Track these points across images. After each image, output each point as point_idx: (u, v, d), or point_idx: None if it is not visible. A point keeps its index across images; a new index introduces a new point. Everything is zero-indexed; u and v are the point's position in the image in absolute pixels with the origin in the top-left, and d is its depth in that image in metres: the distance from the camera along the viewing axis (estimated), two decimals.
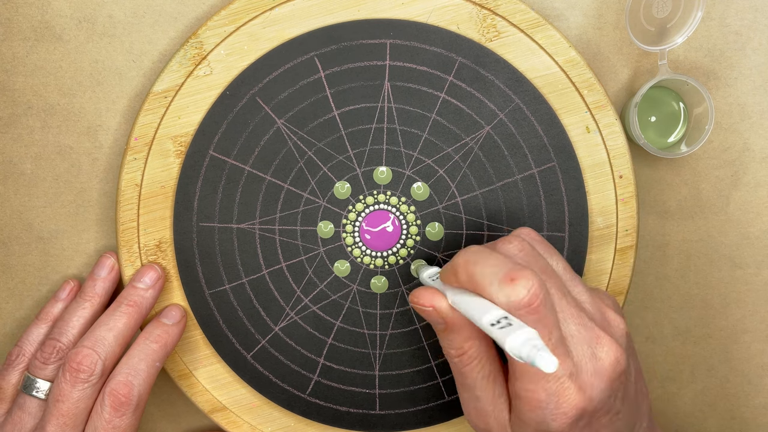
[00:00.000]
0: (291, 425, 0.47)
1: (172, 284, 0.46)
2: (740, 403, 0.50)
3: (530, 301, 0.34)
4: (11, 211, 0.47)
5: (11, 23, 0.46)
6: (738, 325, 0.49)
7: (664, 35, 0.45)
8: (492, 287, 0.35)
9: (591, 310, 0.38)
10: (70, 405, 0.40)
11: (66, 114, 0.47)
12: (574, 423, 0.36)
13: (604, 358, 0.36)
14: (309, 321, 0.46)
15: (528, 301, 0.34)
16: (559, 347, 0.35)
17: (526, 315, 0.34)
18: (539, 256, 0.38)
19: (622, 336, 0.38)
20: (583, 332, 0.36)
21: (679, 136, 0.47)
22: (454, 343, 0.38)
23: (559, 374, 0.35)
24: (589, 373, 0.35)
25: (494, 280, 0.35)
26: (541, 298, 0.34)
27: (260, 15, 0.44)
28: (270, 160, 0.45)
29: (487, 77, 0.45)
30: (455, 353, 0.38)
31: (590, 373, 0.35)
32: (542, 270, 0.37)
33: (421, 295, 0.38)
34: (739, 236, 0.49)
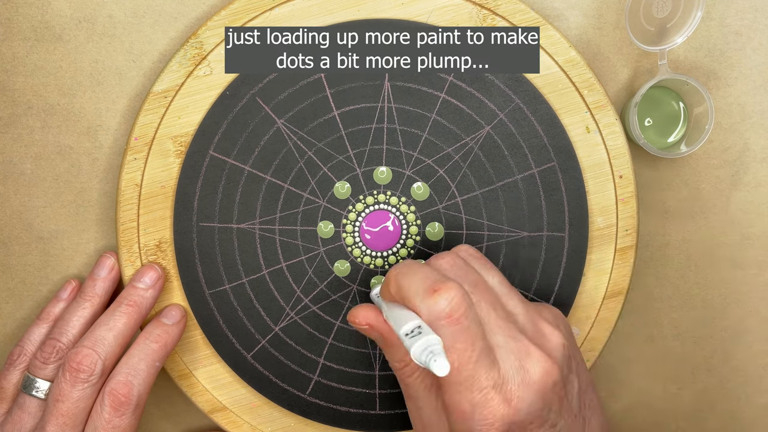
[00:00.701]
0: (291, 425, 0.47)
1: (172, 284, 0.46)
2: (740, 403, 0.50)
3: (451, 312, 0.35)
4: (11, 211, 0.47)
5: (11, 23, 0.46)
6: (738, 326, 0.49)
7: (664, 35, 0.45)
8: (416, 299, 0.36)
9: (524, 322, 0.38)
10: (70, 405, 0.40)
11: (66, 114, 0.47)
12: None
13: (532, 369, 0.36)
14: (309, 321, 0.46)
15: (449, 312, 0.35)
16: (482, 358, 0.35)
17: (448, 325, 0.35)
18: (471, 271, 0.38)
19: (557, 349, 0.37)
20: (512, 344, 0.36)
21: (679, 136, 0.47)
22: (396, 356, 0.39)
23: (483, 385, 0.35)
24: (516, 384, 0.35)
25: (419, 291, 0.36)
26: (462, 309, 0.35)
27: (260, 15, 0.44)
28: (270, 160, 0.45)
29: (487, 77, 0.45)
30: (398, 365, 0.39)
31: (517, 384, 0.35)
32: (473, 283, 0.37)
33: (356, 314, 0.39)
34: (740, 236, 0.49)
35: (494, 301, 0.37)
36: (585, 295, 0.46)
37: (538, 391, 0.36)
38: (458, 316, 0.35)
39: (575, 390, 0.38)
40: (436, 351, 0.33)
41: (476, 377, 0.35)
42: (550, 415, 0.36)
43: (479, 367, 0.35)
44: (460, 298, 0.35)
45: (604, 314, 0.46)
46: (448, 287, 0.35)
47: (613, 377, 0.49)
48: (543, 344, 0.37)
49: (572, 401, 0.38)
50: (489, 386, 0.35)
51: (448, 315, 0.35)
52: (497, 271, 0.40)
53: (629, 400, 0.50)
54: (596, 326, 0.46)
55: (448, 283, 0.36)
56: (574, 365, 0.39)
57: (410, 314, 0.36)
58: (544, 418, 0.36)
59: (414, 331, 0.34)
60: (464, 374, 0.35)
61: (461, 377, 0.35)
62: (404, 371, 0.39)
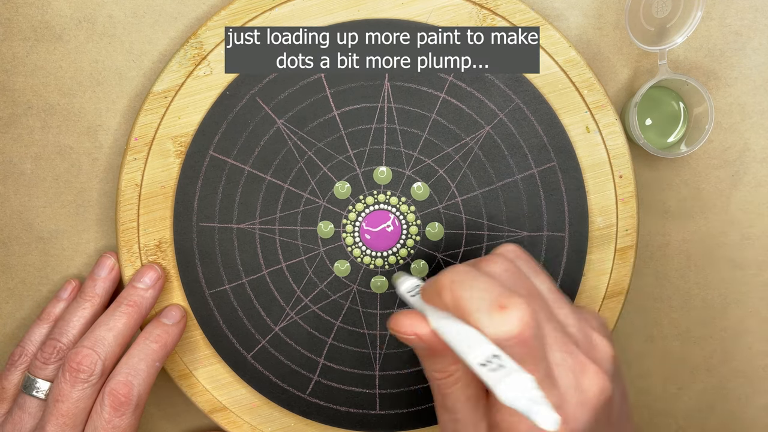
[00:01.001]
0: (291, 425, 0.47)
1: (172, 284, 0.46)
2: (740, 403, 0.50)
3: (521, 332, 0.32)
4: (11, 211, 0.47)
5: (11, 23, 0.46)
6: (738, 326, 0.49)
7: (664, 35, 0.45)
8: (479, 314, 0.32)
9: (577, 334, 0.35)
10: (70, 405, 0.40)
11: (66, 114, 0.47)
12: None
13: (588, 388, 0.34)
14: (309, 321, 0.46)
15: (519, 333, 0.32)
16: (546, 379, 0.33)
17: (515, 347, 0.32)
18: (525, 277, 0.36)
19: (608, 361, 0.35)
20: (569, 360, 0.34)
21: (679, 136, 0.47)
22: (438, 366, 0.36)
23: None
24: (573, 405, 0.33)
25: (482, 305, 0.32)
26: (533, 330, 0.32)
27: (260, 15, 0.44)
28: (270, 160, 0.45)
29: (487, 77, 0.45)
30: (438, 375, 0.36)
31: (575, 405, 0.33)
32: (528, 293, 0.35)
33: (401, 323, 0.35)
34: (740, 236, 0.49)
35: (549, 312, 0.35)
36: (585, 295, 0.46)
37: (593, 410, 0.34)
38: (527, 336, 0.32)
39: (617, 402, 0.36)
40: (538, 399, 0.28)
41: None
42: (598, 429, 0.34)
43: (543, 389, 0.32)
44: (530, 317, 0.32)
45: (604, 314, 0.46)
46: (517, 304, 0.32)
47: None
48: (596, 357, 0.35)
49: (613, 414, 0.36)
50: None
51: (518, 335, 0.31)
52: (546, 275, 0.37)
53: (629, 400, 0.50)
54: None
55: (516, 299, 0.32)
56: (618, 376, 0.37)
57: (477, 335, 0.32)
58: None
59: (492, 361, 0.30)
60: None
61: None
62: (445, 382, 0.36)
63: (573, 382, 0.34)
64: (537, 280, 0.36)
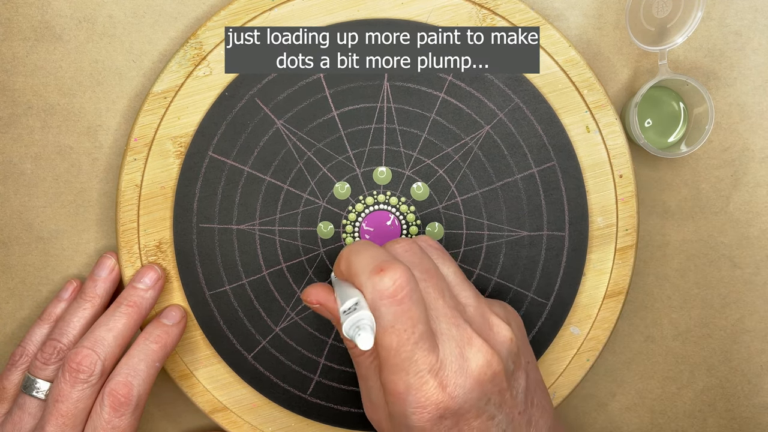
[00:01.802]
0: (291, 425, 0.47)
1: (172, 285, 0.46)
2: (740, 402, 0.50)
3: (394, 291, 0.35)
4: (11, 211, 0.47)
5: (11, 23, 0.46)
6: (738, 325, 0.49)
7: (664, 35, 0.45)
8: (363, 276, 0.36)
9: (473, 314, 0.38)
10: (70, 405, 0.40)
11: (66, 114, 0.47)
12: (436, 420, 0.35)
13: (472, 358, 0.36)
14: (309, 321, 0.46)
15: (392, 292, 0.35)
16: (422, 341, 0.35)
17: (390, 305, 0.35)
18: (426, 259, 0.38)
19: (502, 342, 0.38)
20: (454, 331, 0.36)
21: (679, 136, 0.47)
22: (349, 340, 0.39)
23: (419, 368, 0.35)
24: (453, 371, 0.35)
25: (366, 269, 0.36)
26: (406, 290, 0.35)
27: (260, 15, 0.44)
28: (269, 160, 0.45)
29: (486, 77, 0.45)
30: (350, 344, 0.39)
31: (454, 371, 0.35)
32: (425, 270, 0.38)
33: (308, 293, 0.39)
34: (739, 236, 0.49)
35: (444, 288, 0.37)
36: (585, 295, 0.46)
37: (476, 381, 0.36)
38: (401, 296, 0.35)
39: (521, 387, 0.38)
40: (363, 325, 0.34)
41: (413, 359, 0.35)
42: (488, 407, 0.36)
43: (418, 350, 0.35)
44: (405, 279, 0.35)
45: (604, 314, 0.46)
46: (395, 267, 0.35)
47: (613, 377, 0.50)
48: (489, 336, 0.37)
49: (517, 397, 0.38)
50: (425, 370, 0.35)
51: (392, 294, 0.35)
52: (453, 263, 0.40)
53: (629, 400, 0.50)
54: (596, 326, 0.46)
55: (395, 264, 0.36)
56: (523, 362, 0.39)
57: (354, 291, 0.36)
58: (481, 410, 0.36)
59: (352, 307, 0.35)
60: (402, 355, 0.35)
61: (399, 358, 0.35)
62: (355, 350, 0.39)
63: (456, 351, 0.36)
64: (443, 265, 0.40)
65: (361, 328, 0.34)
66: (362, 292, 0.36)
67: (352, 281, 0.37)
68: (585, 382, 0.49)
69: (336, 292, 0.39)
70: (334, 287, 0.39)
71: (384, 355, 0.36)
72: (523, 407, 0.38)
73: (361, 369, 0.39)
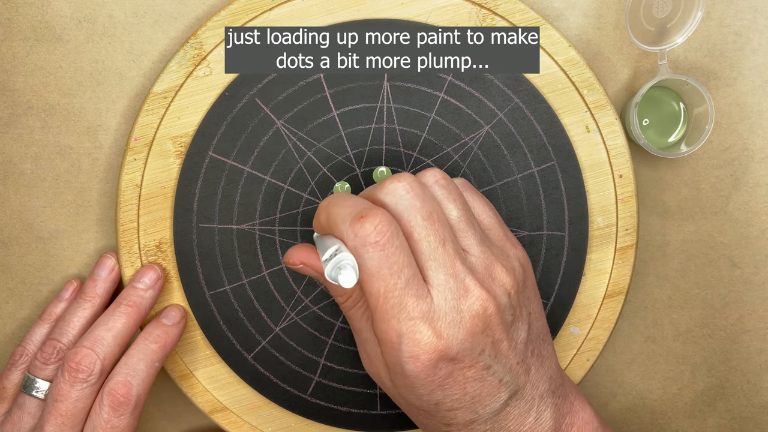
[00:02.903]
0: (292, 425, 0.47)
1: (172, 285, 0.46)
2: (740, 402, 0.50)
3: (375, 237, 0.34)
4: (11, 211, 0.47)
5: (11, 23, 0.46)
6: (737, 325, 0.49)
7: (664, 35, 0.45)
8: (343, 225, 0.35)
9: (475, 263, 0.37)
10: (69, 405, 0.40)
11: (66, 114, 0.47)
12: (431, 368, 0.35)
13: (465, 310, 0.35)
14: (309, 321, 0.46)
15: (373, 238, 0.34)
16: (411, 287, 0.35)
17: (373, 251, 0.34)
18: (429, 200, 0.37)
19: (502, 293, 0.37)
20: (451, 282, 0.35)
21: (679, 136, 0.47)
22: (336, 290, 0.39)
23: (411, 315, 0.35)
24: (446, 322, 0.35)
25: (346, 218, 0.35)
26: (387, 235, 0.34)
27: (260, 15, 0.45)
28: (269, 160, 0.45)
29: (486, 76, 0.45)
30: (340, 300, 0.39)
31: (448, 323, 0.35)
32: (426, 215, 0.36)
33: (290, 254, 0.39)
34: (739, 236, 0.49)
35: (445, 236, 0.36)
36: (585, 295, 0.46)
37: (469, 332, 0.35)
38: (383, 241, 0.34)
39: (520, 338, 0.38)
40: (343, 264, 0.34)
41: (403, 306, 0.35)
42: (482, 357, 0.36)
43: (406, 296, 0.35)
44: (385, 224, 0.34)
45: (604, 314, 0.46)
46: (375, 213, 0.35)
47: (613, 377, 0.49)
48: (488, 287, 0.36)
49: (516, 347, 0.37)
50: (417, 317, 0.35)
51: (373, 241, 0.34)
52: (460, 203, 0.38)
53: (629, 400, 0.50)
54: (596, 326, 0.46)
55: (375, 210, 0.35)
56: (524, 313, 0.38)
57: (335, 241, 0.36)
58: (475, 359, 0.36)
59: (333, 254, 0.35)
60: (391, 302, 0.35)
61: (387, 305, 0.35)
62: (346, 304, 0.39)
63: (452, 303, 0.35)
64: (448, 206, 0.38)
65: (341, 267, 0.34)
66: (344, 241, 0.35)
67: (332, 232, 0.37)
68: (585, 383, 0.49)
69: (318, 247, 0.38)
70: (316, 243, 0.39)
71: (373, 304, 0.35)
72: (522, 357, 0.38)
73: (354, 321, 0.39)
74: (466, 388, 0.36)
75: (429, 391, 0.36)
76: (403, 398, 0.38)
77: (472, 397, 0.37)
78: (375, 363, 0.39)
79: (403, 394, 0.37)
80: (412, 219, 0.36)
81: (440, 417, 0.38)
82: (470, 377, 0.36)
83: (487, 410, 0.37)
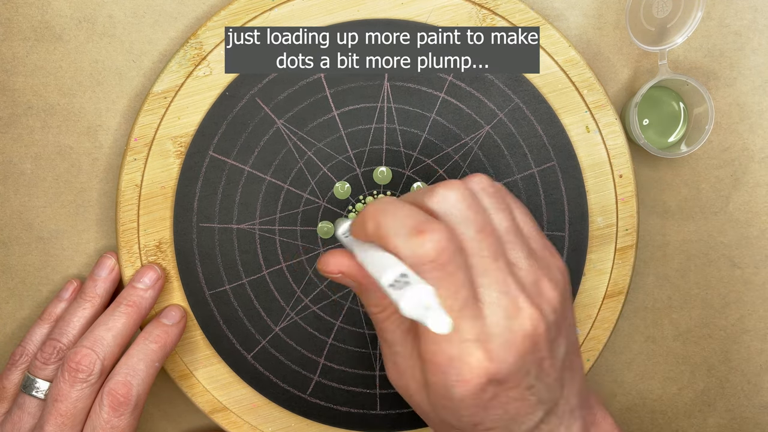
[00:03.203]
0: (291, 425, 0.47)
1: (172, 285, 0.46)
2: (740, 402, 0.50)
3: (436, 256, 0.32)
4: (11, 211, 0.47)
5: (11, 23, 0.46)
6: (737, 325, 0.49)
7: (664, 35, 0.45)
8: (398, 239, 0.33)
9: (525, 278, 0.35)
10: (69, 405, 0.40)
11: (66, 114, 0.47)
12: (479, 392, 0.33)
13: (517, 330, 0.33)
14: (309, 321, 0.46)
15: (434, 256, 0.32)
16: (466, 309, 0.33)
17: (431, 271, 0.32)
18: (481, 212, 0.35)
19: (550, 310, 0.35)
20: (504, 300, 0.34)
21: (679, 136, 0.47)
22: (371, 300, 0.36)
23: (464, 337, 0.33)
24: (499, 343, 0.33)
25: (401, 231, 0.33)
26: (448, 253, 0.32)
27: (260, 15, 0.44)
28: (270, 160, 0.45)
29: (486, 77, 0.45)
30: (374, 310, 0.37)
31: (500, 344, 0.33)
32: (479, 227, 0.34)
33: (327, 262, 0.36)
34: (739, 236, 0.49)
35: (497, 251, 0.34)
36: (585, 295, 0.46)
37: (520, 353, 0.33)
38: (443, 260, 0.32)
39: (561, 354, 0.36)
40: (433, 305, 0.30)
41: (457, 328, 0.33)
42: (527, 377, 0.34)
43: (462, 318, 0.33)
44: (446, 241, 0.32)
45: (604, 314, 0.46)
46: (435, 229, 0.32)
47: (613, 377, 0.49)
48: (539, 304, 0.35)
49: (556, 364, 0.36)
50: (470, 340, 0.33)
51: (433, 259, 0.32)
52: (508, 213, 0.36)
53: (629, 400, 0.50)
54: (596, 326, 0.46)
55: (435, 224, 0.33)
56: (564, 328, 0.36)
57: (391, 258, 0.33)
58: (521, 380, 0.34)
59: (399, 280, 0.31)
60: None
61: None
62: (380, 316, 0.36)
63: (503, 322, 0.33)
64: (498, 216, 0.36)
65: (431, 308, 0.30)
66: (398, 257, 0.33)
67: (382, 244, 0.33)
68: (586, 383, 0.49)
69: (360, 256, 0.35)
70: (355, 251, 0.35)
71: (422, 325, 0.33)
72: (559, 373, 0.36)
73: (386, 333, 0.37)
74: (507, 408, 0.35)
75: (472, 413, 0.35)
76: (438, 417, 0.36)
77: (510, 417, 0.35)
78: (405, 377, 0.37)
79: (441, 414, 0.36)
80: (465, 231, 0.34)
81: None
82: (512, 397, 0.34)
83: (522, 428, 0.36)
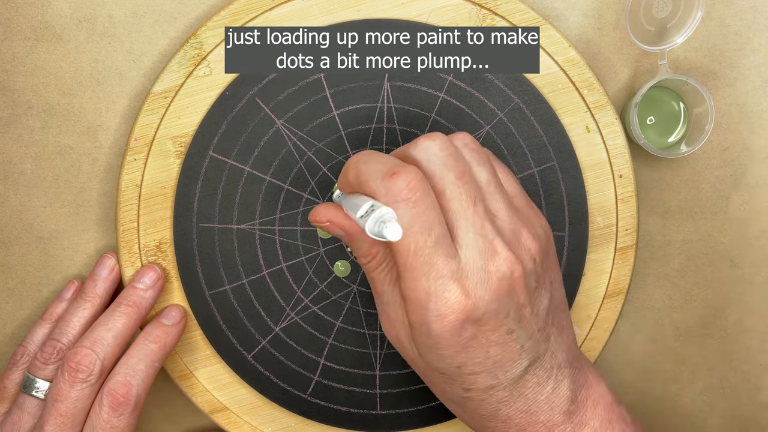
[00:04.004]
0: (291, 425, 0.47)
1: (172, 285, 0.46)
2: (740, 402, 0.50)
3: (408, 194, 0.34)
4: (11, 211, 0.47)
5: (11, 23, 0.46)
6: (738, 325, 0.49)
7: (664, 35, 0.45)
8: (374, 182, 0.35)
9: (502, 226, 0.37)
10: (69, 405, 0.40)
11: (66, 114, 0.47)
12: (457, 327, 0.35)
13: (493, 271, 0.35)
14: (309, 321, 0.46)
15: (405, 195, 0.34)
16: (440, 245, 0.35)
17: (404, 208, 0.34)
18: (461, 161, 0.37)
19: (528, 258, 0.37)
20: (480, 242, 0.35)
21: (679, 136, 0.47)
22: (361, 250, 0.38)
23: (440, 273, 0.35)
24: (474, 282, 0.35)
25: (377, 175, 0.35)
26: (419, 192, 0.34)
27: (260, 15, 0.45)
28: (270, 160, 0.45)
29: (486, 77, 0.45)
30: (364, 260, 0.38)
31: (476, 282, 0.35)
32: (458, 174, 0.36)
33: (317, 212, 0.38)
34: (739, 236, 0.49)
35: (476, 196, 0.36)
36: (585, 295, 0.46)
37: (495, 293, 0.35)
38: (415, 198, 0.34)
39: (543, 305, 0.38)
40: (387, 218, 0.33)
41: (433, 264, 0.35)
42: (507, 320, 0.36)
43: (436, 254, 0.35)
44: (418, 181, 0.35)
45: (604, 314, 0.46)
46: (407, 170, 0.35)
47: (613, 377, 0.49)
48: (516, 250, 0.36)
49: (538, 314, 0.37)
50: (446, 275, 0.35)
51: (405, 197, 0.34)
52: (490, 167, 0.38)
53: (629, 400, 0.50)
54: (596, 326, 0.46)
55: (407, 167, 0.35)
56: (547, 281, 0.38)
57: (366, 198, 0.35)
58: (500, 322, 0.36)
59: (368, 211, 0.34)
60: (420, 260, 0.35)
61: (417, 263, 0.35)
62: (370, 265, 0.38)
63: (479, 262, 0.35)
64: (478, 169, 0.38)
65: (385, 221, 0.33)
66: (374, 198, 0.35)
67: (362, 189, 0.36)
68: None
69: (344, 205, 0.38)
70: (342, 202, 0.38)
71: (402, 262, 0.35)
72: (543, 324, 0.38)
73: (376, 284, 0.39)
74: (488, 352, 0.36)
75: (453, 352, 0.36)
76: (424, 361, 0.38)
77: (494, 362, 0.36)
78: (395, 325, 0.38)
79: (425, 355, 0.37)
80: (444, 177, 0.36)
81: (461, 381, 0.37)
82: (493, 341, 0.36)
83: (508, 376, 0.37)
